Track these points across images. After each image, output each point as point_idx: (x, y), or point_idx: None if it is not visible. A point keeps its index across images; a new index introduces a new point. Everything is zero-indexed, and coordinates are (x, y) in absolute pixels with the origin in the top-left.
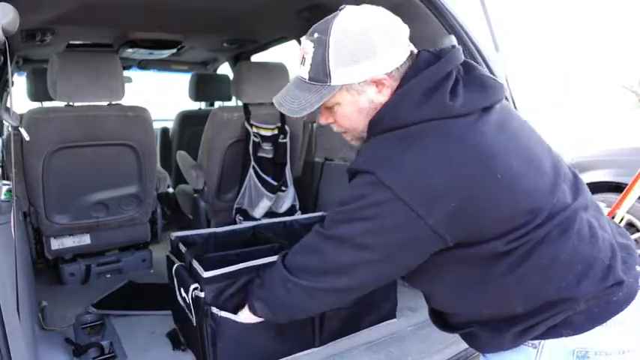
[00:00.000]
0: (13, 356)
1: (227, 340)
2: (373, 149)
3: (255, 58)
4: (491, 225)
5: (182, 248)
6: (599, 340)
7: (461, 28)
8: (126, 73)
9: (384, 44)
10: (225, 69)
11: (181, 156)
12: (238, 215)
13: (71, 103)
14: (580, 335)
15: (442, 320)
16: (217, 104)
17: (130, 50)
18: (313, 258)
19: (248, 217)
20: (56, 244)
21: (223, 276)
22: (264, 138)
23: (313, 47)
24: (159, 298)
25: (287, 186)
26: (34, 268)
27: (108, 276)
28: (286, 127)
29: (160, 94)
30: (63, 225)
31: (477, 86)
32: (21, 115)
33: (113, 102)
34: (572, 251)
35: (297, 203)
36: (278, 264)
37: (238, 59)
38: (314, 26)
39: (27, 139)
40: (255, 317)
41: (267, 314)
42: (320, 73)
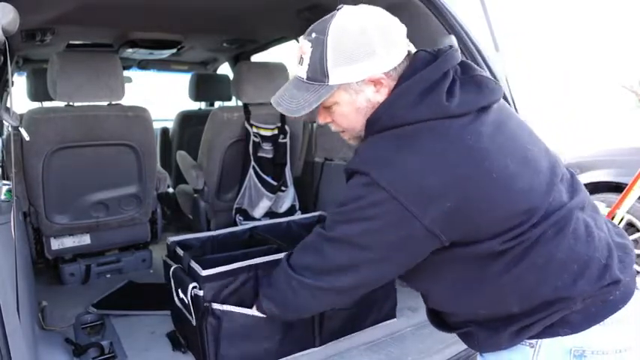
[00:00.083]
0: (13, 356)
1: (227, 340)
2: (369, 149)
3: (255, 58)
4: (487, 225)
5: (179, 251)
6: (596, 340)
7: (461, 28)
8: (126, 73)
9: (382, 44)
10: (225, 69)
11: (181, 156)
12: (238, 215)
13: (71, 103)
14: (577, 334)
15: (440, 320)
16: (217, 104)
17: (130, 50)
18: (315, 258)
19: (248, 217)
20: (56, 244)
21: (222, 274)
22: (264, 138)
23: (311, 47)
24: (159, 298)
25: (287, 186)
26: (34, 268)
27: (108, 276)
28: (286, 127)
29: (160, 94)
30: (63, 225)
31: (474, 86)
32: (21, 115)
33: (113, 102)
34: (568, 250)
35: (297, 203)
36: (283, 263)
37: (238, 59)
38: (312, 26)
39: (27, 139)
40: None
41: (274, 312)
42: (318, 73)
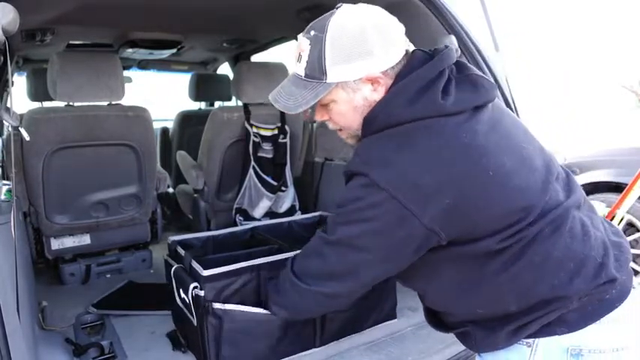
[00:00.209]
0: (13, 356)
1: (228, 340)
2: (368, 149)
3: (255, 58)
4: (484, 222)
5: (180, 251)
6: (592, 338)
7: (461, 28)
8: (126, 73)
9: (380, 43)
10: (225, 69)
11: (181, 156)
12: (238, 215)
13: (71, 103)
14: (574, 333)
15: (437, 320)
16: (217, 104)
17: (130, 50)
18: (316, 263)
19: (248, 217)
20: (56, 244)
21: (223, 274)
22: (264, 138)
23: (310, 44)
24: (159, 298)
25: (287, 186)
26: (34, 268)
27: (108, 276)
28: (286, 127)
29: (160, 94)
30: (63, 225)
31: (469, 85)
32: (21, 115)
33: (113, 102)
34: (564, 249)
35: (297, 203)
36: (287, 269)
37: (238, 59)
38: (311, 24)
39: (27, 139)
40: None
41: (285, 316)
42: (316, 71)
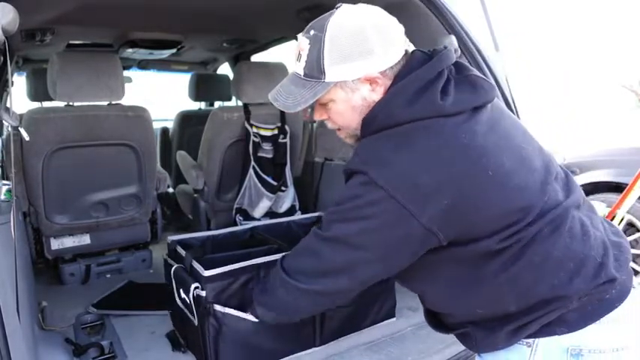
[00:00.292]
0: (13, 356)
1: (228, 340)
2: (367, 149)
3: (255, 58)
4: (483, 223)
5: (180, 251)
6: (592, 338)
7: (461, 28)
8: (126, 73)
9: (379, 43)
10: (225, 69)
11: (181, 156)
12: (238, 215)
13: (71, 103)
14: (574, 333)
15: (437, 321)
16: (217, 104)
17: (130, 50)
18: (310, 260)
19: (248, 217)
20: (56, 244)
21: (224, 274)
22: (264, 138)
23: (309, 44)
24: (159, 298)
25: (287, 186)
26: (34, 268)
27: (108, 276)
28: (286, 127)
29: (160, 94)
30: (63, 225)
31: (468, 86)
32: (21, 115)
33: (113, 102)
34: (564, 249)
35: (297, 203)
36: (277, 268)
37: (238, 59)
38: (311, 23)
39: (27, 139)
40: None
41: (270, 318)
42: (315, 70)
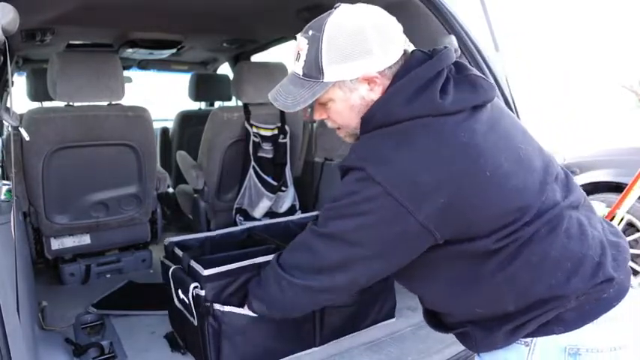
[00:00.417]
0: (13, 356)
1: (228, 339)
2: (364, 146)
3: (255, 58)
4: (480, 222)
5: (178, 252)
6: (590, 337)
7: (461, 28)
8: (126, 73)
9: (377, 43)
10: (225, 69)
11: (181, 156)
12: (238, 215)
13: (71, 103)
14: (571, 332)
15: (437, 320)
16: (217, 104)
17: (130, 50)
18: (306, 256)
19: (248, 218)
20: (56, 244)
21: (223, 274)
22: (264, 138)
23: (307, 44)
24: (159, 298)
25: (287, 186)
26: (34, 268)
27: (108, 276)
28: (286, 127)
29: (160, 94)
30: (63, 225)
31: (468, 85)
32: (21, 115)
33: (113, 102)
34: (561, 248)
35: (297, 203)
36: (273, 262)
37: (238, 59)
38: (309, 23)
39: (27, 139)
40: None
41: (263, 312)
42: (313, 70)
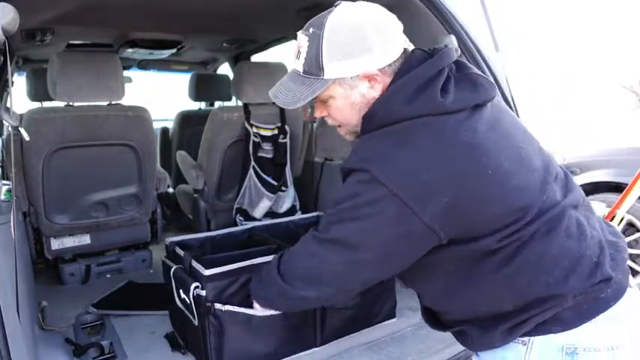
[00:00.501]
0: (13, 356)
1: (228, 339)
2: (367, 147)
3: (255, 58)
4: (483, 222)
5: (179, 252)
6: (587, 337)
7: (461, 28)
8: (126, 73)
9: (378, 40)
10: (225, 69)
11: (181, 156)
12: (238, 215)
13: (71, 103)
14: (569, 331)
15: (434, 319)
16: (217, 104)
17: (130, 50)
18: (309, 265)
19: (248, 218)
20: (56, 244)
21: (224, 274)
22: (264, 138)
23: (308, 41)
24: (159, 298)
25: (287, 186)
26: (34, 268)
27: (108, 276)
28: (286, 127)
29: (160, 94)
30: (63, 225)
31: (469, 84)
32: (21, 115)
33: (113, 102)
34: (559, 247)
35: (297, 203)
36: (273, 271)
37: (238, 59)
38: (310, 21)
39: (27, 139)
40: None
41: (270, 308)
42: (314, 67)
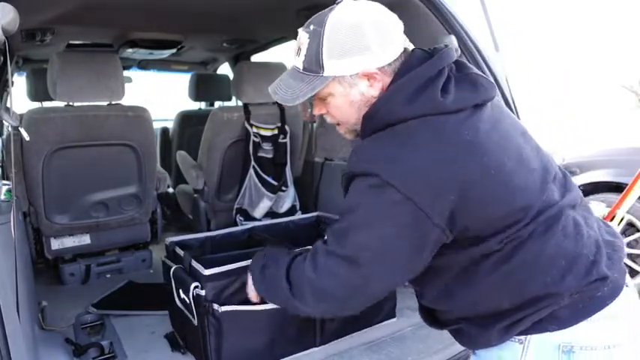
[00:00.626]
0: (13, 356)
1: (228, 339)
2: (368, 149)
3: (255, 58)
4: (487, 221)
5: (179, 252)
6: (584, 335)
7: (461, 28)
8: (126, 73)
9: (378, 39)
10: (225, 69)
11: (181, 156)
12: (239, 215)
13: (71, 103)
14: (565, 330)
15: (432, 317)
16: (217, 104)
17: (130, 50)
18: (324, 284)
19: (248, 218)
20: (56, 244)
21: (224, 274)
22: (264, 138)
23: (308, 38)
24: (159, 298)
25: (287, 186)
26: (34, 268)
27: (108, 276)
28: (286, 127)
29: (160, 94)
30: (63, 225)
31: (469, 84)
32: (21, 115)
33: (113, 102)
34: (556, 247)
35: (297, 203)
36: (282, 281)
37: (238, 59)
38: (311, 18)
39: (27, 139)
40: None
41: (269, 302)
42: (313, 64)
